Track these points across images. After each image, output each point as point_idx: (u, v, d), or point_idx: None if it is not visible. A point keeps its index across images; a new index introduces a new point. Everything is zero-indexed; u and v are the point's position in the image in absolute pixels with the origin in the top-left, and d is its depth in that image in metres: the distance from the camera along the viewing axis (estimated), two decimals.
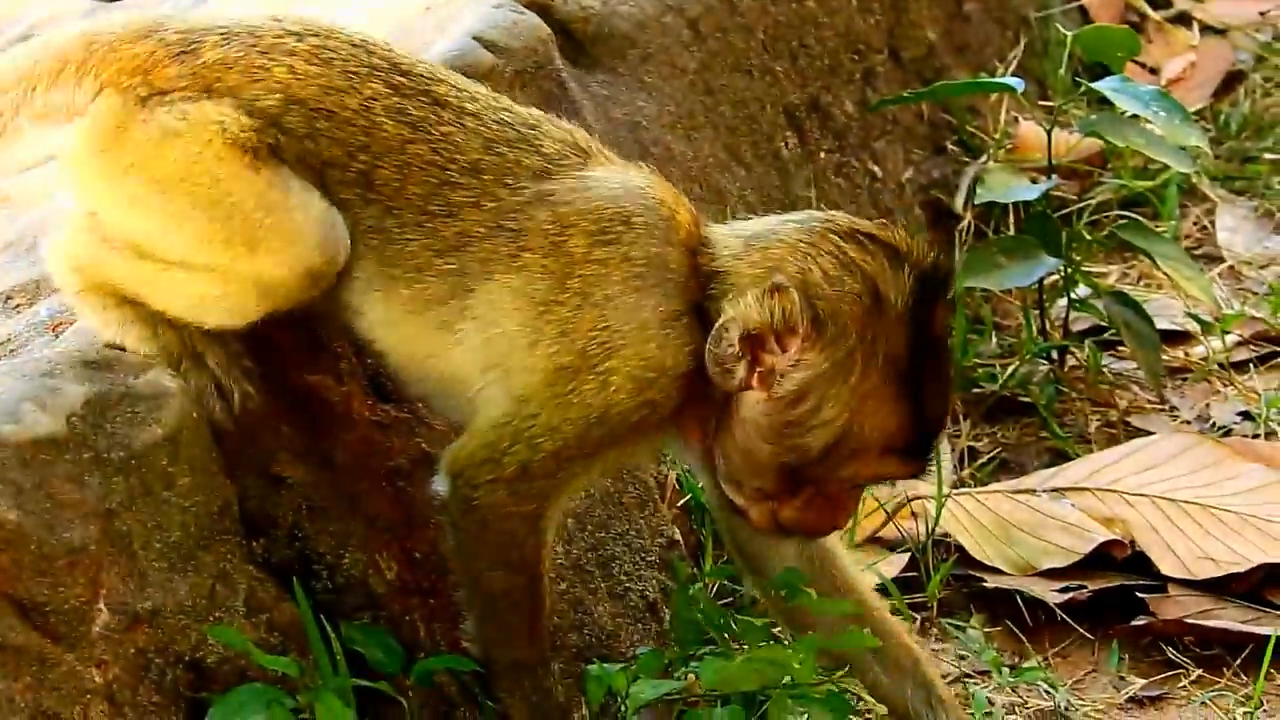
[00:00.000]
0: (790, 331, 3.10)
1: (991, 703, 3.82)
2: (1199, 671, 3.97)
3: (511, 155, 3.18)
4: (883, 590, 3.84)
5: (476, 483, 3.14)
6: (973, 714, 3.72)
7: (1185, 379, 4.92)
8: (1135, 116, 4.82)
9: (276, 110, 3.12)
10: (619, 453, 3.23)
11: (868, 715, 3.73)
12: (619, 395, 3.11)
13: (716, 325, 3.12)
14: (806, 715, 3.17)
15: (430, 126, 3.16)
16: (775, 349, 3.12)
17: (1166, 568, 4.15)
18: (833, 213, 3.27)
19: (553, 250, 3.14)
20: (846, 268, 3.13)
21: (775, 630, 3.57)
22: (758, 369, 3.13)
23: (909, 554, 4.21)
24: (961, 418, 4.70)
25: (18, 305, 3.41)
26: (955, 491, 4.35)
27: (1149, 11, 6.40)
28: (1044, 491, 4.37)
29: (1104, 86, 4.76)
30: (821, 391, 3.11)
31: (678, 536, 3.93)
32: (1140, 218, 5.20)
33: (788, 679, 3.19)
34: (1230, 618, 4.05)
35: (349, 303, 3.18)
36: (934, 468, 3.31)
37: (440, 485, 3.19)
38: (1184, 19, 6.45)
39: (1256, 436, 4.64)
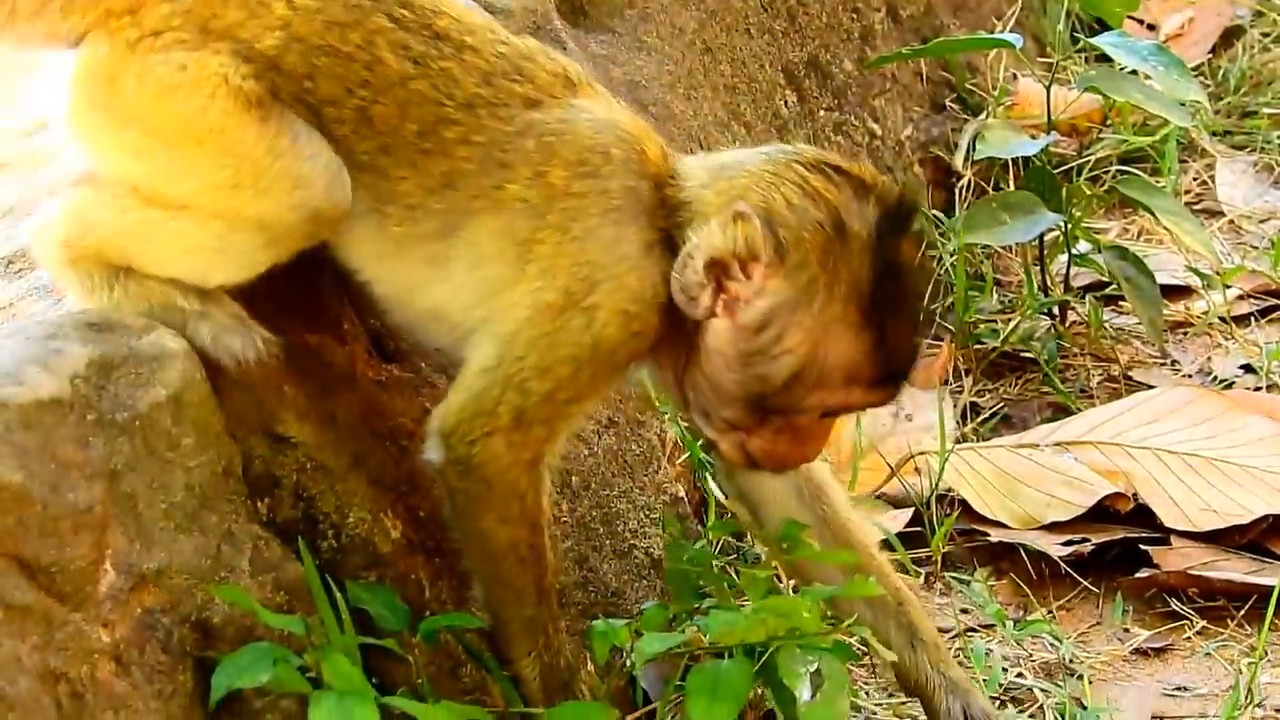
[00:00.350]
0: (753, 258, 3.10)
1: (998, 656, 3.84)
2: (1203, 623, 3.98)
3: (506, 86, 3.16)
4: (887, 545, 3.85)
5: (472, 438, 3.13)
6: (972, 666, 3.74)
7: (1186, 333, 4.93)
8: (1134, 72, 4.82)
9: (276, 50, 3.06)
10: (608, 388, 3.23)
11: (865, 662, 3.75)
12: (607, 330, 3.11)
13: (681, 252, 3.13)
14: (815, 663, 3.16)
15: (431, 61, 3.13)
16: (739, 276, 3.11)
17: (1169, 520, 4.16)
18: (801, 146, 3.27)
19: (535, 181, 3.12)
20: (810, 197, 3.12)
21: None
22: (722, 296, 3.13)
23: (912, 509, 4.22)
24: (964, 373, 4.71)
25: (20, 270, 3.40)
26: (958, 446, 4.36)
27: None
28: (1047, 446, 4.37)
29: (1102, 42, 4.76)
30: (784, 319, 3.11)
31: (681, 493, 3.94)
32: (1140, 173, 5.19)
33: (794, 630, 3.19)
34: (1233, 569, 4.06)
35: (339, 239, 3.15)
36: (899, 396, 3.27)
37: (433, 452, 3.17)
38: None
39: (1258, 389, 4.65)
